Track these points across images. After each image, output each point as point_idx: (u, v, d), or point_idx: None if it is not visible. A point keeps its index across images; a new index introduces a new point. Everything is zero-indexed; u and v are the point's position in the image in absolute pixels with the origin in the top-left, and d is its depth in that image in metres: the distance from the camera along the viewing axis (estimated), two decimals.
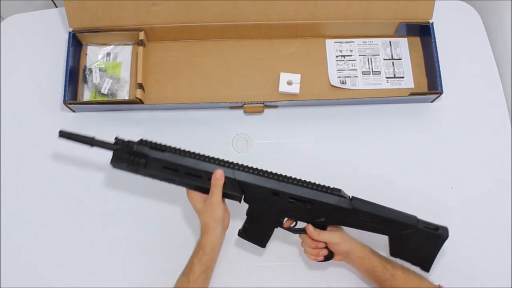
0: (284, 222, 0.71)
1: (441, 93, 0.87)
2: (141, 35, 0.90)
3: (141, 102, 0.88)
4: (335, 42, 0.96)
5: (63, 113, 0.91)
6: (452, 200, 0.86)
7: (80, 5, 0.87)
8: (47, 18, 0.98)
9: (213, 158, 0.68)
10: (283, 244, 0.84)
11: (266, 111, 0.92)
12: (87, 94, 0.92)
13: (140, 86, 0.88)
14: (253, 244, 0.73)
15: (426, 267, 0.70)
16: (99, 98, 0.91)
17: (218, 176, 0.66)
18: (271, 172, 0.69)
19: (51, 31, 0.96)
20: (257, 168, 0.68)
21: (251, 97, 0.91)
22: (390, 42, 0.96)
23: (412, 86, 0.93)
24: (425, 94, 0.89)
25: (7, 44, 0.96)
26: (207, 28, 0.91)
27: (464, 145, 0.90)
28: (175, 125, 0.91)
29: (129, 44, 0.94)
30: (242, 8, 0.88)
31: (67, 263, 0.82)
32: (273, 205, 0.69)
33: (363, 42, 0.96)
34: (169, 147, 0.67)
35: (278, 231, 0.72)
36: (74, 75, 0.91)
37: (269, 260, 0.82)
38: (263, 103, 0.89)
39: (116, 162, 0.67)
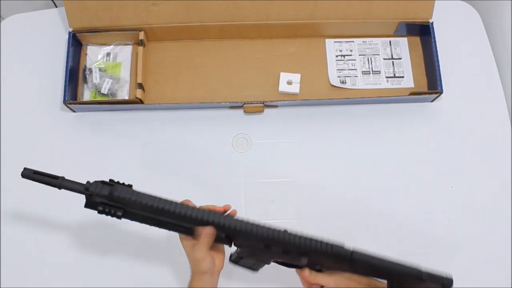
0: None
1: (441, 92, 0.87)
2: (141, 35, 0.90)
3: (141, 102, 0.88)
4: (335, 42, 0.96)
5: (63, 113, 0.91)
6: (452, 200, 0.86)
7: (80, 5, 0.87)
8: (47, 18, 0.98)
9: (200, 210, 0.59)
10: None
11: (266, 111, 0.92)
12: (87, 94, 0.92)
13: (140, 86, 0.88)
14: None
15: None
16: (99, 98, 0.91)
17: (208, 232, 0.58)
18: (263, 225, 0.60)
19: (51, 31, 0.96)
20: (248, 221, 0.60)
21: (251, 97, 0.91)
22: (390, 41, 0.96)
23: (412, 85, 0.93)
24: (425, 93, 0.89)
25: (7, 44, 0.96)
26: (207, 28, 0.91)
27: (464, 144, 0.90)
28: (175, 125, 0.91)
29: (129, 44, 0.94)
30: (242, 8, 0.88)
31: (67, 263, 0.82)
32: (265, 254, 0.62)
33: (363, 41, 0.96)
34: (147, 196, 0.57)
35: None
36: (74, 75, 0.91)
37: None
38: (263, 103, 0.89)
39: (91, 207, 0.57)
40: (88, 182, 0.57)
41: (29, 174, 0.58)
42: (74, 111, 0.91)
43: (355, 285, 0.64)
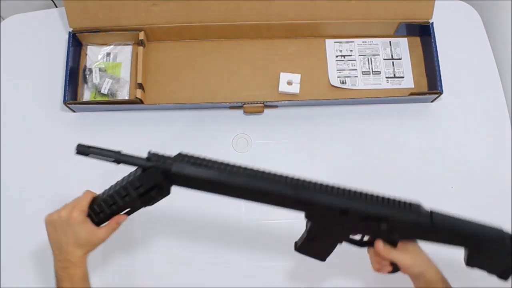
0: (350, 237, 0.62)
1: (441, 93, 0.87)
2: (141, 35, 0.90)
3: (141, 102, 0.88)
4: (335, 42, 0.96)
5: (63, 113, 0.91)
6: (452, 200, 0.86)
7: (80, 5, 0.87)
8: (47, 18, 0.98)
9: (272, 174, 0.57)
10: (284, 244, 0.84)
11: (266, 111, 0.92)
12: (87, 94, 0.92)
13: (140, 86, 0.88)
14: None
15: (505, 276, 0.63)
16: (99, 98, 0.91)
17: (120, 222, 0.60)
18: (338, 187, 0.57)
19: (51, 31, 0.96)
20: (322, 184, 0.57)
21: (251, 97, 0.91)
22: (390, 42, 0.96)
23: (412, 86, 0.93)
24: (425, 94, 0.90)
25: (7, 44, 0.96)
26: (207, 28, 0.91)
27: (464, 145, 0.90)
28: (175, 125, 0.91)
29: (129, 44, 0.94)
30: (242, 8, 0.88)
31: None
32: (341, 225, 0.58)
33: (363, 42, 0.96)
34: (215, 163, 0.56)
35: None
36: (74, 75, 0.91)
37: (269, 260, 0.82)
38: (263, 103, 0.89)
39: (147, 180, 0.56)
40: (149, 152, 0.56)
41: (84, 150, 0.55)
42: (74, 111, 0.91)
43: (431, 272, 0.61)
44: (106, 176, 0.87)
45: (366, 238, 0.61)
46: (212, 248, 0.83)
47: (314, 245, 0.62)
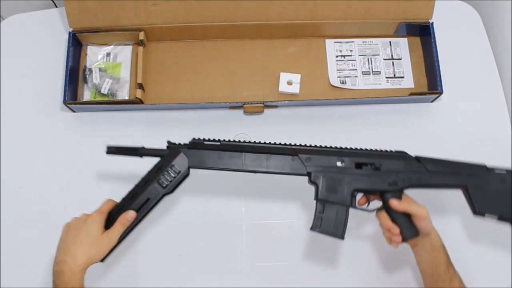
0: (357, 199, 0.68)
1: (441, 93, 0.87)
2: (141, 35, 0.90)
3: (141, 102, 0.88)
4: (335, 42, 0.96)
5: (63, 113, 0.91)
6: (452, 200, 0.86)
7: (80, 5, 0.87)
8: (47, 18, 0.98)
9: (275, 144, 0.68)
10: (284, 244, 0.84)
11: (266, 111, 0.92)
12: (87, 94, 0.92)
13: (140, 86, 0.88)
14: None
15: None
16: (99, 98, 0.91)
17: (129, 218, 0.64)
18: (330, 146, 0.69)
19: (51, 31, 0.96)
20: (316, 145, 0.69)
21: (251, 97, 0.91)
22: (390, 42, 0.96)
23: (412, 86, 0.93)
24: (425, 94, 0.89)
25: (7, 44, 0.96)
26: (207, 28, 0.91)
27: (464, 145, 0.90)
28: (175, 125, 0.91)
29: (129, 44, 0.94)
30: (242, 8, 0.88)
31: None
32: (341, 179, 0.67)
33: (363, 42, 0.96)
34: (225, 143, 0.67)
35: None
36: (74, 75, 0.91)
37: (269, 260, 0.82)
38: (263, 103, 0.89)
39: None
40: (169, 142, 0.68)
41: (113, 151, 0.67)
42: (74, 111, 0.91)
43: (436, 235, 0.67)
44: (106, 176, 0.88)
45: (372, 207, 0.69)
46: (212, 248, 0.83)
47: (326, 218, 0.66)
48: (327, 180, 0.67)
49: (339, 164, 0.67)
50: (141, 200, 0.65)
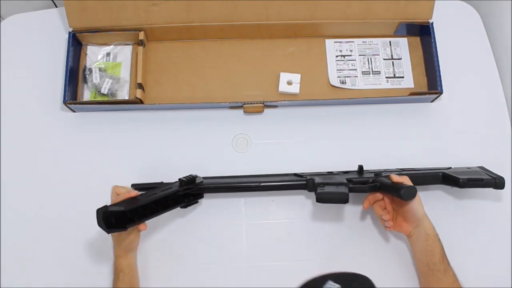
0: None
1: (441, 93, 0.87)
2: (141, 35, 0.90)
3: (141, 102, 0.88)
4: (335, 42, 0.96)
5: (63, 113, 0.91)
6: (452, 200, 0.86)
7: (80, 5, 0.87)
8: (47, 18, 0.98)
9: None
10: (284, 244, 0.84)
11: (266, 111, 0.92)
12: (87, 94, 0.92)
13: (140, 86, 0.88)
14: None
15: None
16: (99, 98, 0.91)
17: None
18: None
19: (51, 31, 0.96)
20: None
21: (251, 97, 0.91)
22: (390, 42, 0.96)
23: (412, 86, 0.93)
24: (425, 94, 0.90)
25: (7, 44, 0.96)
26: (207, 28, 0.91)
27: (464, 145, 0.90)
28: (175, 125, 0.91)
29: (129, 44, 0.94)
30: (242, 8, 0.88)
31: (68, 263, 0.82)
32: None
33: (363, 42, 0.96)
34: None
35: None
36: (74, 75, 0.91)
37: (269, 260, 0.82)
38: (263, 103, 0.89)
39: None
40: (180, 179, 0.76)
41: (138, 188, 0.79)
42: (74, 111, 0.91)
43: (428, 221, 0.74)
44: (106, 176, 0.88)
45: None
46: (212, 248, 0.83)
47: (328, 190, 0.73)
48: (323, 178, 0.77)
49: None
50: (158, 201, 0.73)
